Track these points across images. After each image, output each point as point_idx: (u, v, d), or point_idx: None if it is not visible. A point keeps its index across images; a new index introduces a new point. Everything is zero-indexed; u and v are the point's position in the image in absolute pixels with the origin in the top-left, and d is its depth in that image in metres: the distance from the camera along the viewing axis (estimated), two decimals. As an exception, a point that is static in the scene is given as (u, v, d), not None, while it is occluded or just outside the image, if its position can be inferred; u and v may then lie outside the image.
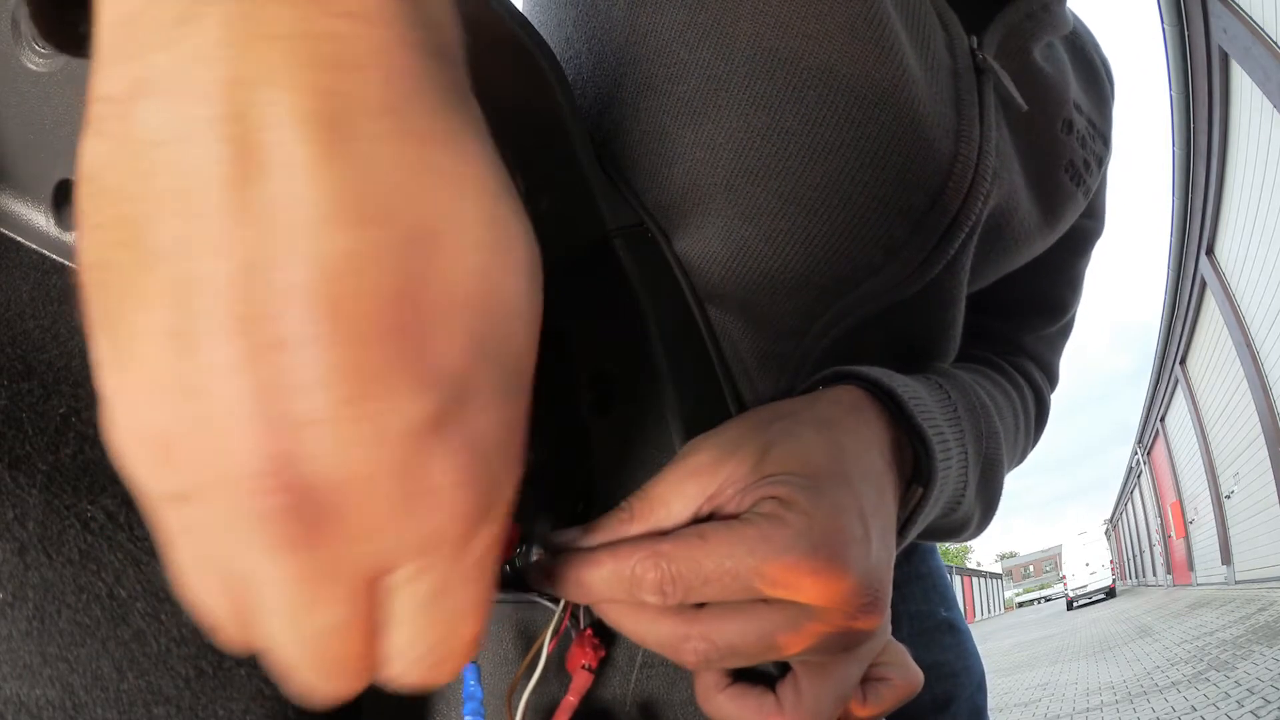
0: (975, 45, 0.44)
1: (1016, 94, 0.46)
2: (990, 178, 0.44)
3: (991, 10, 0.46)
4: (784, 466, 0.33)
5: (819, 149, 0.40)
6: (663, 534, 0.32)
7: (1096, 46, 0.58)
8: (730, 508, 0.32)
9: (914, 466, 0.40)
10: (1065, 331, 0.66)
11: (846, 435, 0.36)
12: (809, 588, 0.30)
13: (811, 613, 0.31)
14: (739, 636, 0.30)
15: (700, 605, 0.31)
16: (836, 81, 0.40)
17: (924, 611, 0.75)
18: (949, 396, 0.43)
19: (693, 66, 0.41)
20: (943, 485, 0.40)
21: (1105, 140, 0.56)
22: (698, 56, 0.40)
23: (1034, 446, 0.64)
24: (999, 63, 0.45)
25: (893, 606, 0.73)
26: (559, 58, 0.48)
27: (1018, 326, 0.63)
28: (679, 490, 0.32)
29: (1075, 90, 0.52)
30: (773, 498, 0.31)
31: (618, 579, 0.30)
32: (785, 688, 0.34)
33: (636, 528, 0.32)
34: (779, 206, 0.41)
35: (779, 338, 0.45)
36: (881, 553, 0.34)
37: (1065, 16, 0.50)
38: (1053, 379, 0.66)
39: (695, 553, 0.30)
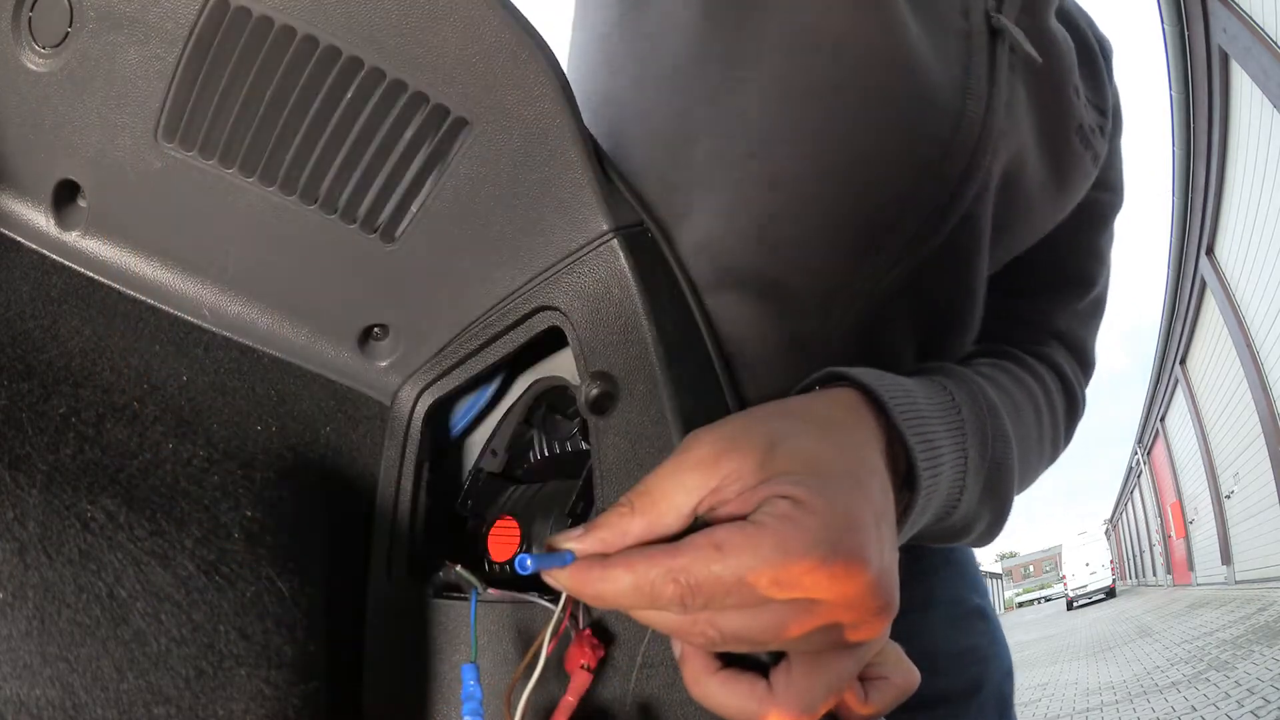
0: (993, 8, 0.47)
1: (1031, 49, 0.47)
2: (997, 133, 0.46)
3: None
4: (792, 464, 0.32)
5: (833, 112, 0.43)
6: (672, 537, 0.32)
7: (1090, 22, 0.60)
8: (736, 505, 0.32)
9: (906, 470, 0.40)
10: (1097, 309, 0.66)
11: (848, 434, 0.36)
12: (827, 588, 0.30)
13: (823, 605, 0.31)
14: (745, 627, 0.31)
15: None
16: (845, 50, 0.43)
17: (957, 598, 0.74)
18: (952, 399, 0.43)
19: (717, 48, 0.45)
20: (931, 490, 0.40)
21: (1102, 111, 0.57)
22: (723, 38, 0.45)
23: (1067, 441, 0.63)
24: (1020, 25, 0.48)
25: (929, 592, 0.70)
26: (593, 50, 0.52)
27: (1046, 304, 0.63)
28: (680, 483, 0.32)
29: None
30: (784, 497, 0.31)
31: (636, 591, 0.30)
32: (778, 674, 0.34)
33: (638, 522, 0.32)
34: (799, 169, 0.44)
35: (803, 318, 0.45)
36: (891, 554, 0.33)
37: None
38: (1086, 362, 0.65)
39: (713, 565, 0.29)
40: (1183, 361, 11.37)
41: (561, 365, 0.48)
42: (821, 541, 0.30)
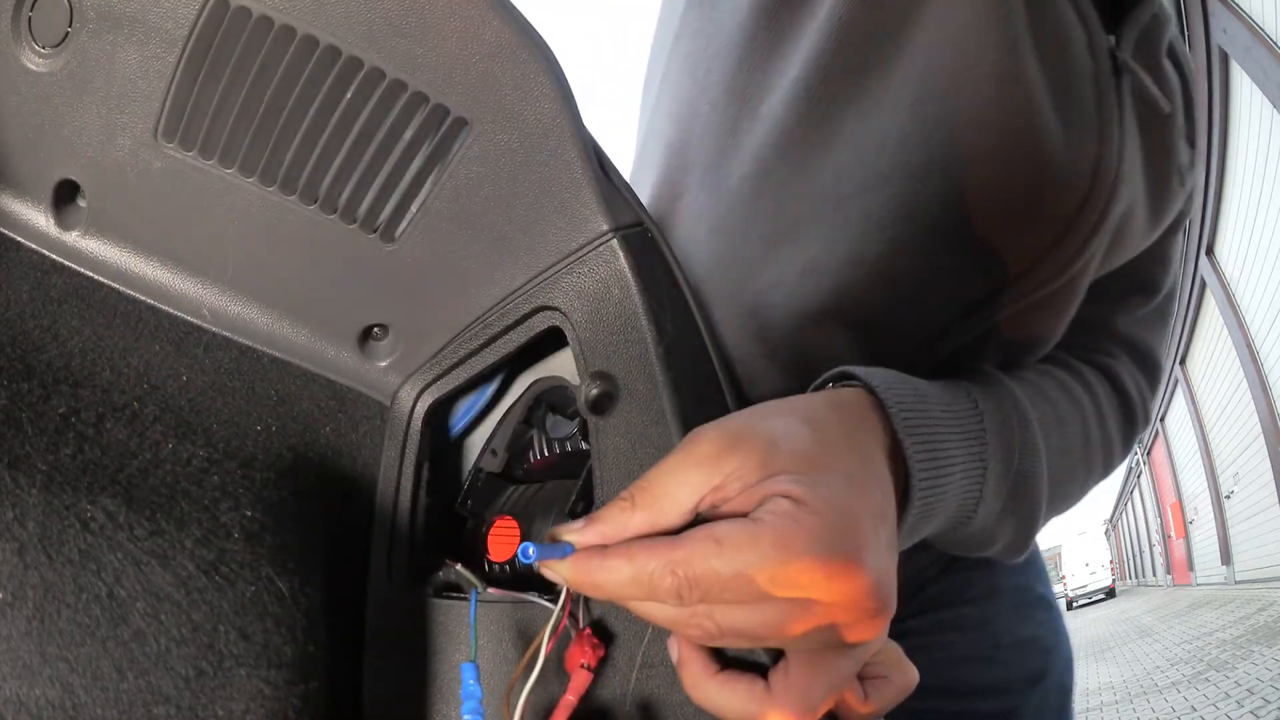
0: (1114, 45, 0.46)
1: (1159, 94, 0.47)
2: (1125, 177, 0.46)
3: (1122, 11, 0.48)
4: (792, 464, 0.32)
5: (971, 154, 0.43)
6: (671, 532, 0.32)
7: (1184, 48, 0.59)
8: (738, 503, 0.32)
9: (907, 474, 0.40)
10: (1163, 314, 0.64)
11: (851, 436, 0.36)
12: (824, 589, 0.30)
13: (820, 605, 0.31)
14: (743, 622, 0.31)
15: None
16: (988, 99, 0.43)
17: (1022, 585, 0.72)
18: (975, 406, 0.42)
19: (863, 66, 0.44)
20: (929, 498, 0.39)
21: (1193, 143, 0.57)
22: (857, 66, 0.44)
23: (1124, 454, 0.61)
24: (1136, 63, 0.47)
25: (995, 579, 0.69)
26: (707, 63, 0.51)
27: (1110, 309, 0.61)
28: (683, 478, 0.32)
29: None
30: (785, 496, 0.31)
31: (635, 583, 0.30)
32: (777, 675, 0.34)
33: (638, 517, 0.32)
34: (930, 205, 0.43)
35: (900, 349, 0.46)
36: (890, 557, 0.33)
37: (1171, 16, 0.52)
38: (1153, 369, 0.63)
39: (711, 559, 0.29)
40: (1182, 362, 11.36)
41: (561, 365, 0.48)
42: (819, 542, 0.30)
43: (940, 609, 0.67)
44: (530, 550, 0.31)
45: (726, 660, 0.35)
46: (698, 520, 0.32)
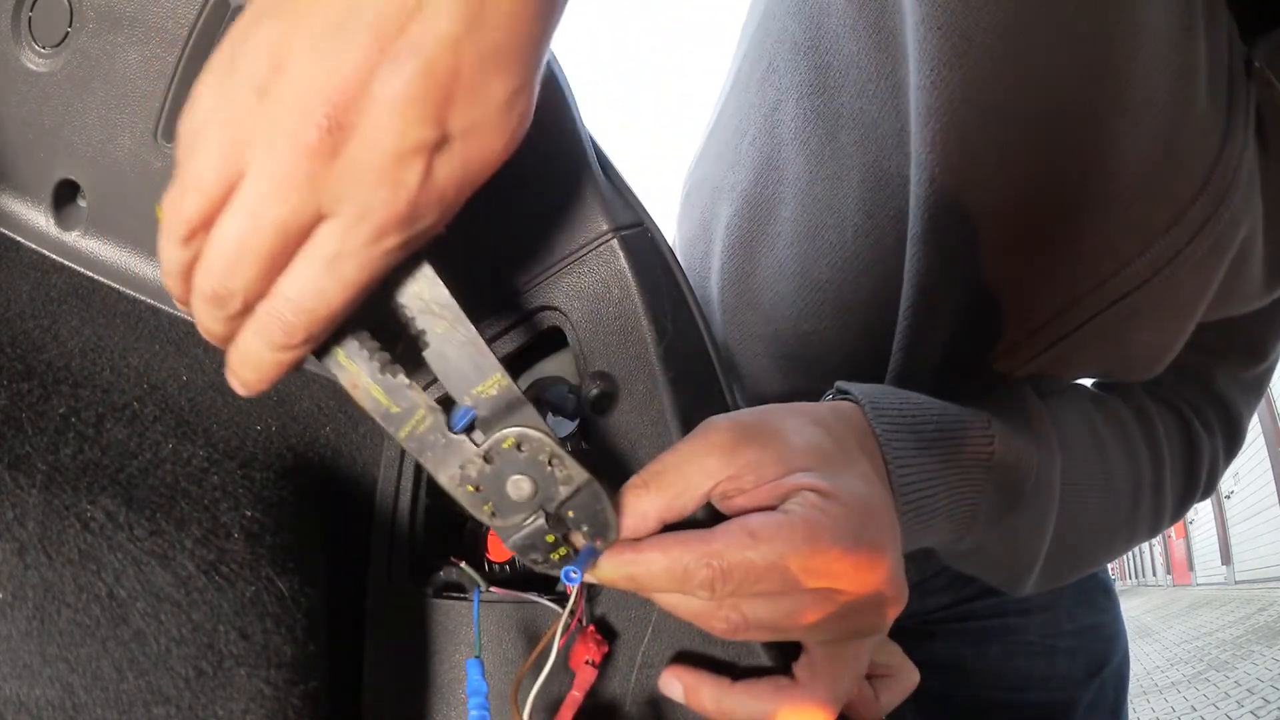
0: (1248, 52, 0.44)
1: None
2: (1244, 184, 0.43)
3: (1260, 28, 0.46)
4: (811, 461, 0.33)
5: (1097, 107, 0.40)
6: (686, 517, 0.32)
7: None
8: (755, 495, 0.32)
9: None
10: (1259, 387, 0.62)
11: (859, 440, 0.37)
12: (850, 578, 0.31)
13: (842, 593, 0.31)
14: (769, 612, 0.31)
15: None
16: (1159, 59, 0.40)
17: None
18: (987, 460, 0.42)
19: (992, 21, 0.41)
20: (912, 526, 0.40)
21: None
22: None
23: (1176, 518, 0.59)
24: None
25: None
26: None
27: (1212, 361, 0.59)
28: (699, 464, 0.32)
29: None
30: (812, 490, 0.32)
31: (669, 575, 0.31)
32: (801, 667, 0.34)
33: (655, 502, 0.32)
34: (1053, 162, 0.41)
35: (1001, 340, 0.46)
36: (900, 547, 0.34)
37: None
38: (1234, 437, 0.61)
39: (746, 551, 0.30)
40: (1182, 361, 11.34)
41: (561, 365, 0.48)
42: (847, 533, 0.31)
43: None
44: (573, 573, 0.31)
45: (737, 671, 0.36)
46: (710, 509, 0.33)
